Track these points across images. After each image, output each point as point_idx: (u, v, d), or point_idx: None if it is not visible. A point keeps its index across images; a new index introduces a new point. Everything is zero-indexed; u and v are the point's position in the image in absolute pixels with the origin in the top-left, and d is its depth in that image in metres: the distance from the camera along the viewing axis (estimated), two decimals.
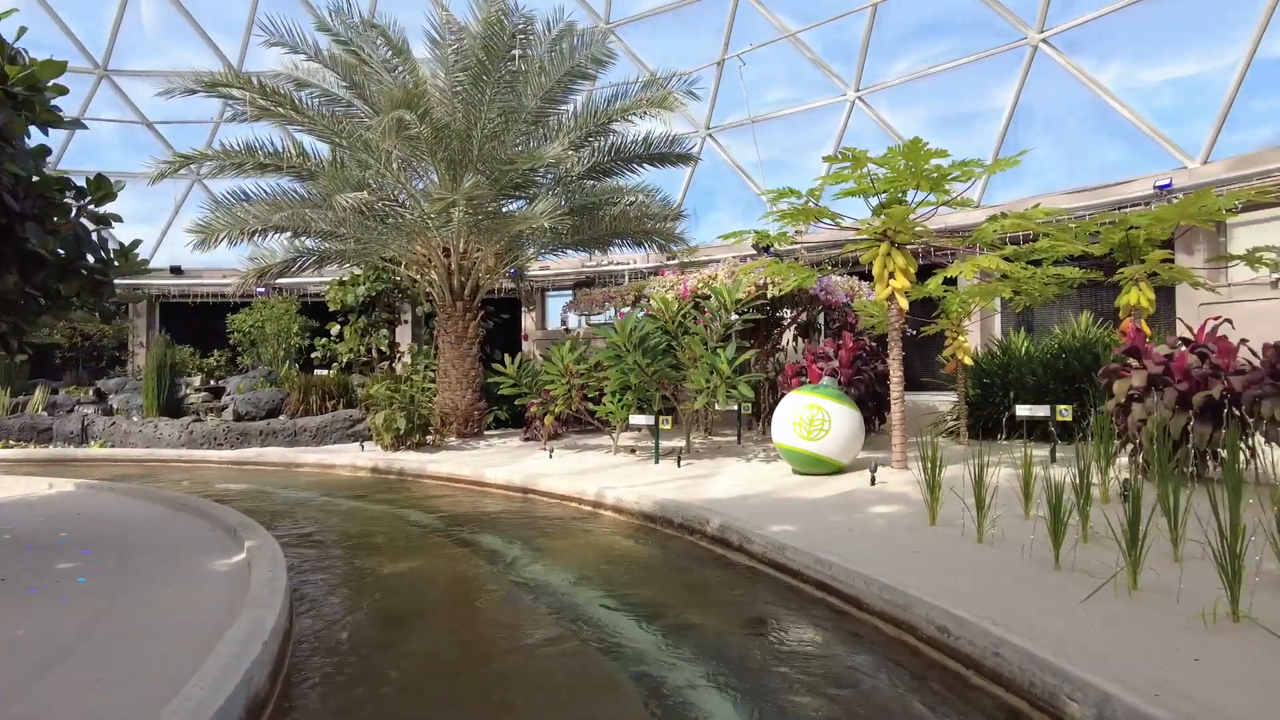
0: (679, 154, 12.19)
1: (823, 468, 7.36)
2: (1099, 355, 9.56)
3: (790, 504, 6.25)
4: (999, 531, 4.81)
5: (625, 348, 8.46)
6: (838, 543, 4.86)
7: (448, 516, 7.44)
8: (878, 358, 10.28)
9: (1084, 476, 4.58)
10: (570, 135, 11.24)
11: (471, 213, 10.89)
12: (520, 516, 7.26)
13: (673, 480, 7.63)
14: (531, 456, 10.00)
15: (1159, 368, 5.77)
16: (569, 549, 5.95)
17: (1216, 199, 7.07)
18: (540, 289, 18.34)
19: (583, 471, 8.48)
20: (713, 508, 6.12)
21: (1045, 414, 7.46)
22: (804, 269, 7.90)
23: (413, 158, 12.05)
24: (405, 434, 11.25)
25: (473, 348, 12.72)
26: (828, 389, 7.51)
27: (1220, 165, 10.98)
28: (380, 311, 17.71)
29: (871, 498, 6.30)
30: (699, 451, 9.82)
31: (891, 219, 6.18)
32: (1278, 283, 10.43)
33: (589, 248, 13.10)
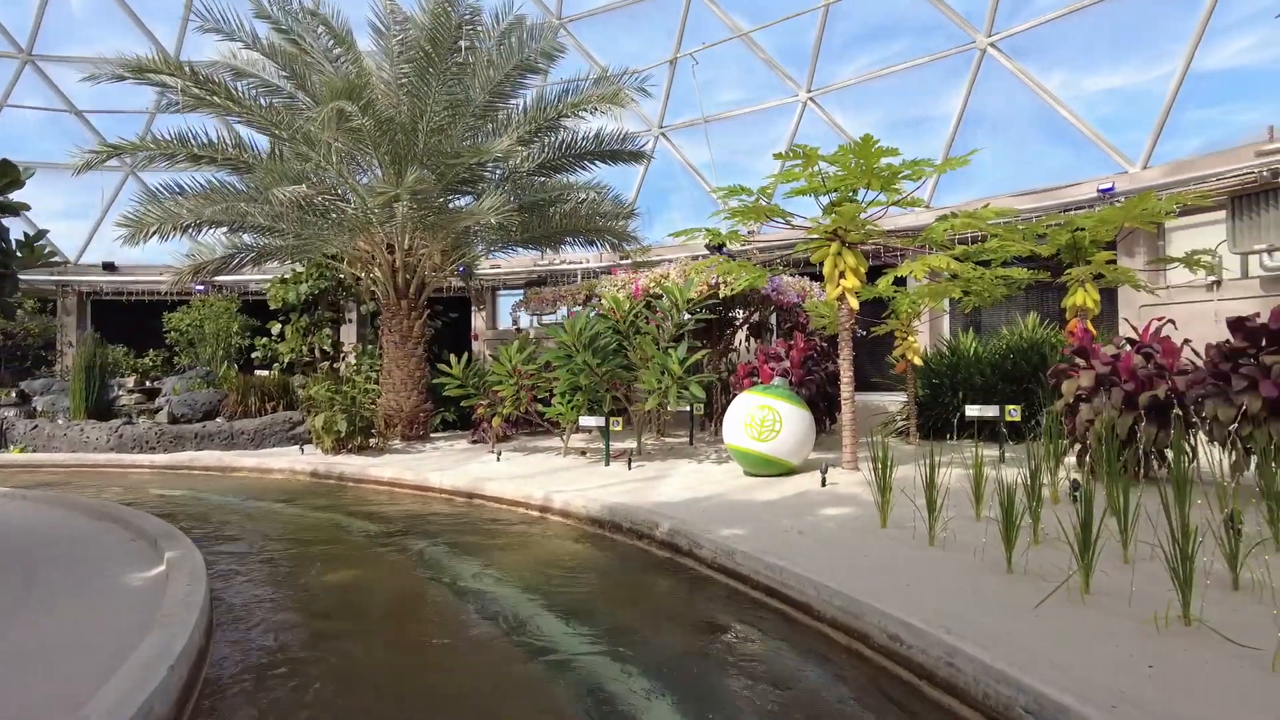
0: (631, 151, 12.03)
1: (774, 469, 7.27)
2: (1046, 356, 9.67)
3: (741, 506, 6.13)
4: (950, 534, 4.75)
5: (575, 347, 8.26)
6: (788, 547, 4.74)
7: (388, 523, 7.15)
8: (829, 358, 10.27)
9: (1035, 478, 4.53)
10: (519, 130, 10.99)
11: (416, 208, 10.56)
12: (464, 522, 7.02)
13: (623, 483, 7.46)
14: (478, 460, 9.73)
15: (1106, 368, 5.78)
16: (513, 556, 5.74)
17: (1157, 202, 7.16)
18: (491, 288, 18.01)
19: (531, 475, 8.26)
20: (662, 511, 5.97)
21: (994, 414, 7.48)
22: (755, 268, 7.80)
23: (356, 151, 11.67)
24: (347, 437, 10.87)
25: (418, 347, 12.37)
26: (779, 389, 7.42)
27: (1158, 170, 11.22)
28: (324, 310, 17.17)
29: (822, 499, 6.21)
30: (651, 453, 9.66)
31: (842, 217, 6.10)
32: (1212, 285, 10.68)
33: (539, 246, 12.85)
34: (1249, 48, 11.59)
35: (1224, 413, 4.80)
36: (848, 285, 6.92)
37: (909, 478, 6.41)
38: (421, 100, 10.89)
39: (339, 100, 8.88)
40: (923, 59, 13.63)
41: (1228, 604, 3.39)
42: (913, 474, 6.70)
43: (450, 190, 11.33)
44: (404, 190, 9.32)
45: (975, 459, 5.20)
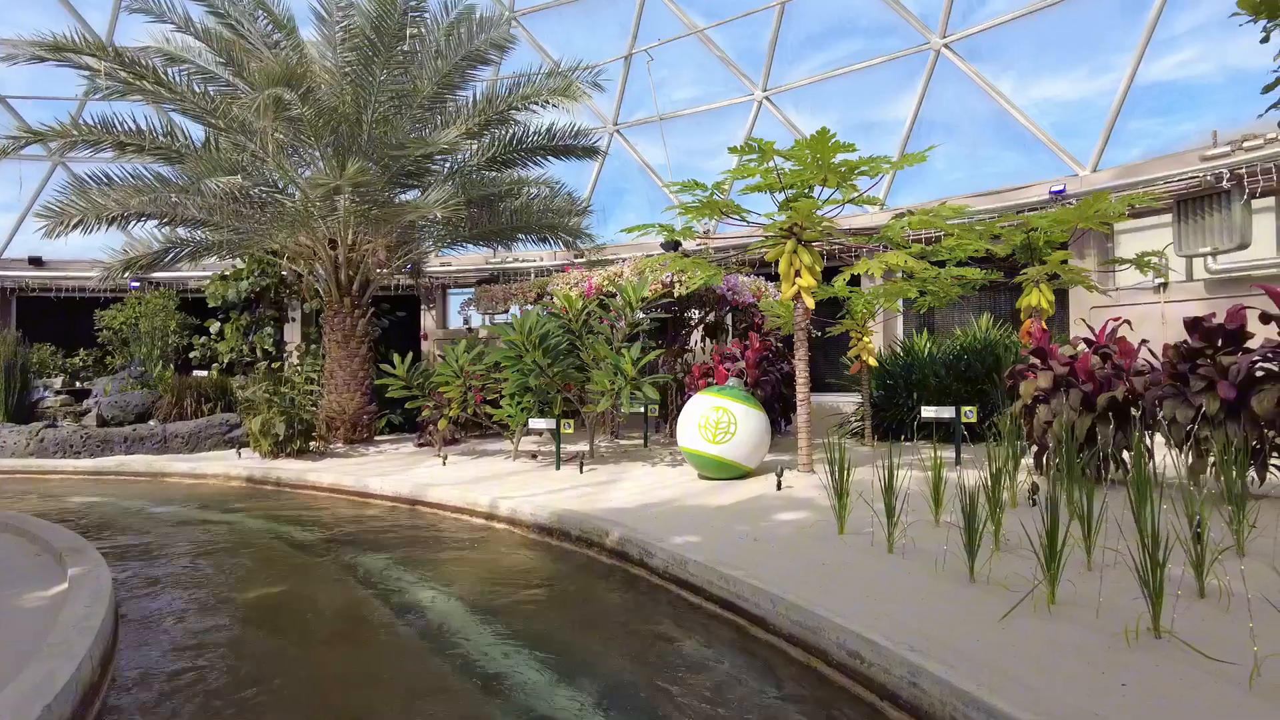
0: (584, 147, 11.74)
1: (729, 472, 7.07)
2: (1000, 356, 9.67)
3: (694, 512, 5.91)
4: (910, 541, 4.58)
5: (524, 347, 7.96)
6: (743, 555, 4.53)
7: (325, 532, 6.78)
8: (784, 359, 10.14)
9: (996, 483, 4.38)
10: (468, 122, 10.64)
11: (359, 201, 10.15)
12: (405, 531, 6.67)
13: (573, 488, 7.19)
14: (424, 464, 9.36)
15: (1064, 369, 5.70)
16: (455, 569, 5.43)
17: (1110, 203, 7.15)
18: (441, 286, 17.55)
19: (478, 480, 7.94)
20: (613, 518, 5.72)
21: (950, 415, 7.39)
22: (710, 266, 7.60)
23: (297, 142, 11.19)
24: (285, 440, 10.40)
25: (361, 347, 11.93)
26: (734, 390, 7.22)
27: (1108, 174, 11.33)
28: (265, 308, 16.55)
29: (778, 504, 6.02)
30: (604, 456, 9.40)
31: (798, 213, 5.93)
32: (1159, 287, 10.82)
33: (490, 242, 12.49)
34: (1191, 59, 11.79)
35: (1182, 414, 4.73)
36: (803, 284, 6.75)
37: (866, 481, 6.26)
38: (366, 90, 10.47)
39: (276, 87, 8.44)
40: (878, 59, 13.61)
41: (1195, 613, 3.26)
42: (870, 477, 6.56)
43: (396, 184, 10.93)
44: (345, 182, 8.91)
45: (934, 462, 5.05)
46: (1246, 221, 9.77)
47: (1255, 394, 4.46)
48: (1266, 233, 9.99)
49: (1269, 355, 4.55)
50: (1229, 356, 4.64)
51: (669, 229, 6.88)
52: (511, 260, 16.67)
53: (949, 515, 5.13)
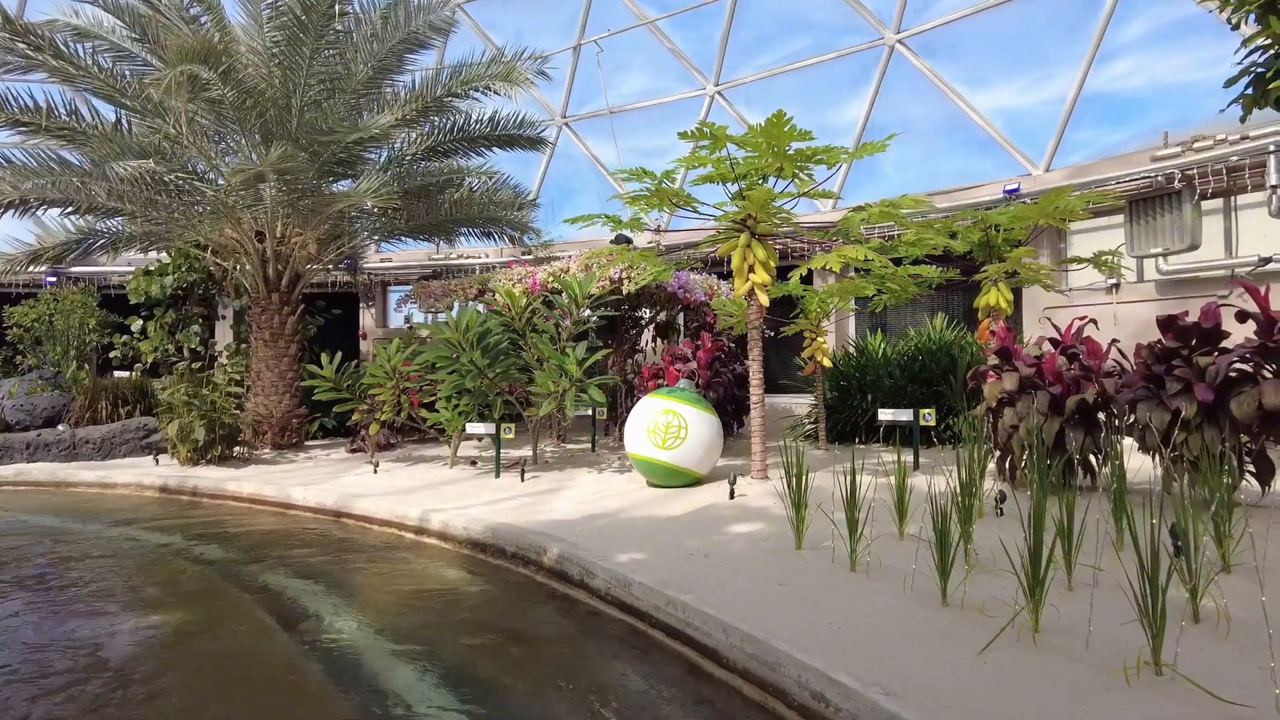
0: (530, 137, 11.21)
1: (679, 479, 6.65)
2: (956, 357, 9.45)
3: (642, 524, 5.46)
4: (874, 557, 4.21)
5: (461, 346, 7.42)
6: (692, 575, 4.10)
7: (238, 548, 6.16)
8: (736, 359, 9.77)
9: (967, 493, 4.03)
10: (405, 109, 10.03)
11: (285, 190, 9.46)
12: (326, 547, 6.09)
13: (513, 498, 6.69)
14: (354, 472, 8.74)
15: (1030, 369, 5.41)
16: (377, 592, 4.89)
17: (1071, 200, 6.92)
18: (381, 283, 16.81)
19: (410, 490, 7.37)
20: (552, 532, 5.24)
21: (908, 418, 7.09)
22: (659, 261, 7.18)
23: (221, 128, 10.44)
24: (206, 446, 9.66)
25: (291, 346, 11.21)
26: (684, 393, 6.80)
27: (1060, 173, 11.25)
28: (193, 305, 15.62)
29: (730, 514, 5.62)
30: (549, 461, 8.91)
31: (752, 202, 5.53)
32: (1111, 288, 10.75)
33: (431, 237, 11.87)
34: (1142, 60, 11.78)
35: (1158, 418, 4.46)
36: (757, 280, 6.37)
37: (823, 488, 5.91)
38: (295, 73, 9.79)
39: (191, 63, 7.75)
40: (832, 55, 13.37)
41: (1193, 642, 2.93)
42: (827, 484, 6.21)
43: (327, 173, 10.26)
44: (268, 167, 8.24)
45: (898, 471, 4.69)
46: (1197, 222, 9.72)
47: (1234, 396, 4.21)
48: (1214, 234, 9.97)
49: (1247, 355, 4.30)
50: (1205, 357, 4.39)
51: (615, 219, 6.43)
52: (455, 257, 16.04)
53: (914, 527, 4.79)
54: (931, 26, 12.26)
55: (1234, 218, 9.81)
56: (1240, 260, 9.56)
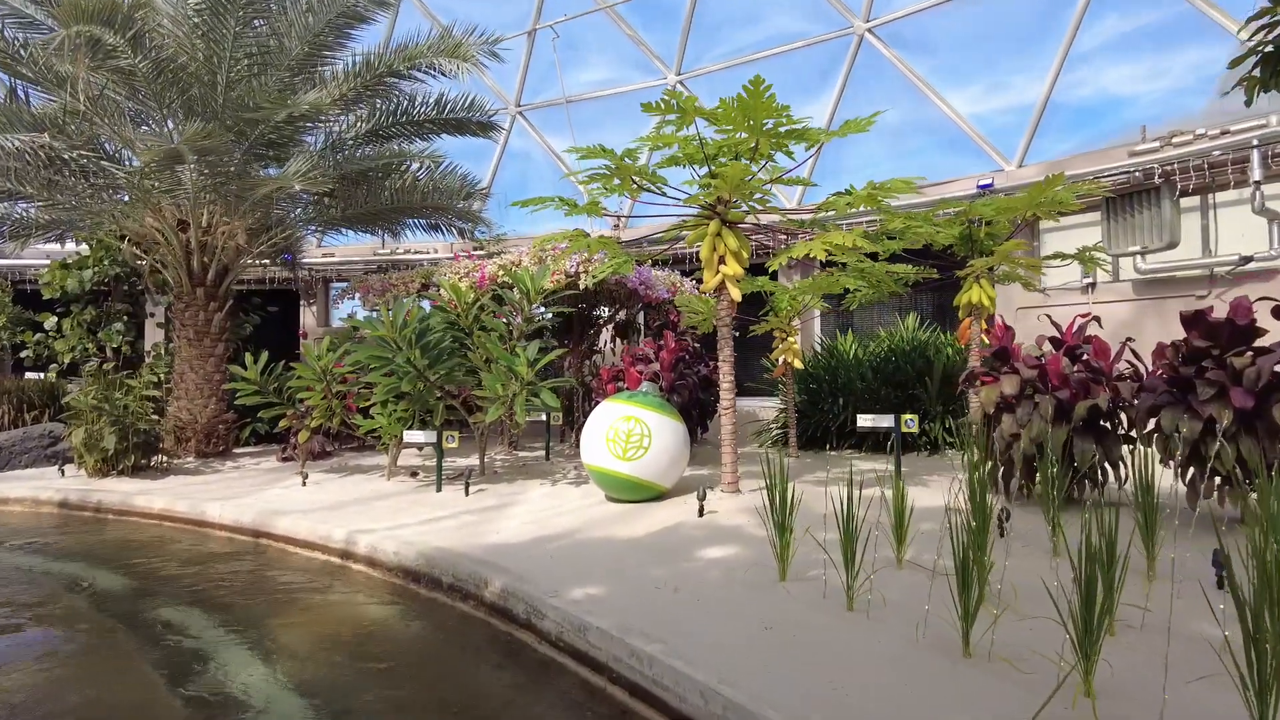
0: (480, 121, 10.44)
1: (641, 493, 5.98)
2: (931, 359, 8.97)
3: (600, 548, 4.78)
4: (874, 591, 3.58)
5: (396, 344, 6.64)
6: (660, 616, 3.44)
7: (138, 577, 5.33)
8: (701, 360, 9.14)
9: (982, 514, 3.43)
10: (343, 86, 9.20)
11: (208, 174, 8.57)
12: (238, 575, 5.29)
13: (454, 516, 5.95)
14: (281, 483, 7.90)
15: (1032, 372, 4.87)
16: (288, 631, 4.13)
17: (1063, 189, 6.43)
18: (323, 279, 15.83)
19: (339, 505, 6.58)
20: (496, 559, 4.53)
21: (889, 425, 6.52)
22: (620, 252, 6.51)
23: (138, 105, 9.48)
24: (117, 455, 8.70)
25: (218, 345, 10.28)
26: (647, 397, 6.14)
27: (1034, 169, 10.88)
28: (116, 301, 14.48)
29: (701, 535, 4.96)
30: (498, 472, 8.17)
31: (726, 181, 4.88)
32: (1087, 287, 10.39)
33: (373, 228, 11.01)
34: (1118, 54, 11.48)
35: (1187, 426, 3.93)
36: (728, 272, 5.74)
37: (801, 502, 5.29)
38: (219, 45, 8.89)
39: (88, 24, 6.84)
40: (799, 43, 12.86)
41: None
42: (806, 497, 5.61)
43: (256, 156, 9.37)
44: (184, 144, 7.35)
45: (896, 488, 4.07)
46: (1176, 220, 9.38)
47: (1277, 402, 3.70)
48: (1192, 232, 9.65)
49: None
50: (1240, 358, 3.87)
51: (570, 203, 5.74)
52: (402, 251, 15.16)
53: (916, 552, 4.19)
54: (901, 16, 11.81)
55: (1212, 215, 9.49)
56: (1220, 259, 9.25)
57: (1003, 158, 11.29)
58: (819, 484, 6.58)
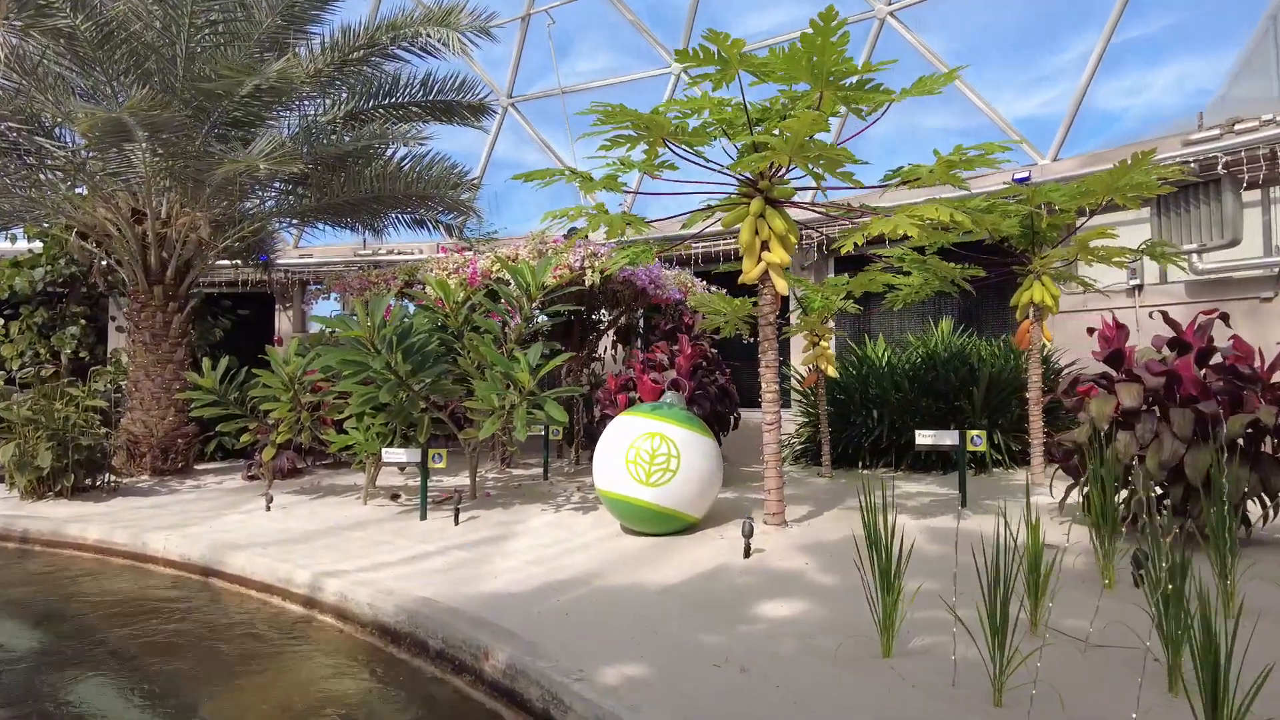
0: (471, 104, 9.45)
1: (667, 525, 5.00)
2: (975, 367, 8.07)
3: (628, 602, 3.79)
4: (1030, 676, 2.60)
5: (373, 347, 5.63)
6: (732, 712, 2.46)
7: (54, 629, 4.34)
8: (718, 367, 8.18)
9: (1181, 573, 2.47)
10: (319, 61, 8.22)
11: (163, 153, 7.54)
12: (176, 628, 4.26)
13: (442, 552, 4.94)
14: (243, 507, 6.87)
15: (1158, 379, 3.95)
16: (234, 712, 3.13)
17: (1150, 170, 5.54)
18: (300, 281, 14.73)
19: (306, 537, 5.56)
20: (498, 618, 3.54)
21: (952, 443, 5.59)
22: (641, 241, 5.56)
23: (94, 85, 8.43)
24: (55, 474, 7.64)
25: (177, 350, 9.23)
26: (673, 410, 5.17)
27: (1073, 162, 10.07)
28: (72, 303, 13.34)
29: (754, 584, 3.99)
30: (492, 493, 7.17)
31: (792, 136, 3.92)
32: (1134, 290, 9.53)
33: (351, 221, 9.98)
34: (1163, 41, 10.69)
35: None
36: (773, 259, 4.80)
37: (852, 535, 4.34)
38: (177, 11, 7.88)
39: None
40: None
41: None
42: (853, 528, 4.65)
43: (220, 137, 8.34)
44: (129, 112, 6.33)
45: (1033, 528, 3.10)
46: (1238, 214, 8.54)
47: None
48: (1252, 228, 8.81)
49: None
50: None
51: (584, 176, 4.78)
52: (385, 252, 14.15)
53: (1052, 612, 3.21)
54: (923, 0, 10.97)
55: (1276, 210, 8.66)
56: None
57: (1035, 151, 10.45)
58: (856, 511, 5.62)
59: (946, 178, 4.31)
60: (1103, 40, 9.88)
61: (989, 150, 4.18)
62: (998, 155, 4.27)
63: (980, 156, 4.19)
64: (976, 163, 4.34)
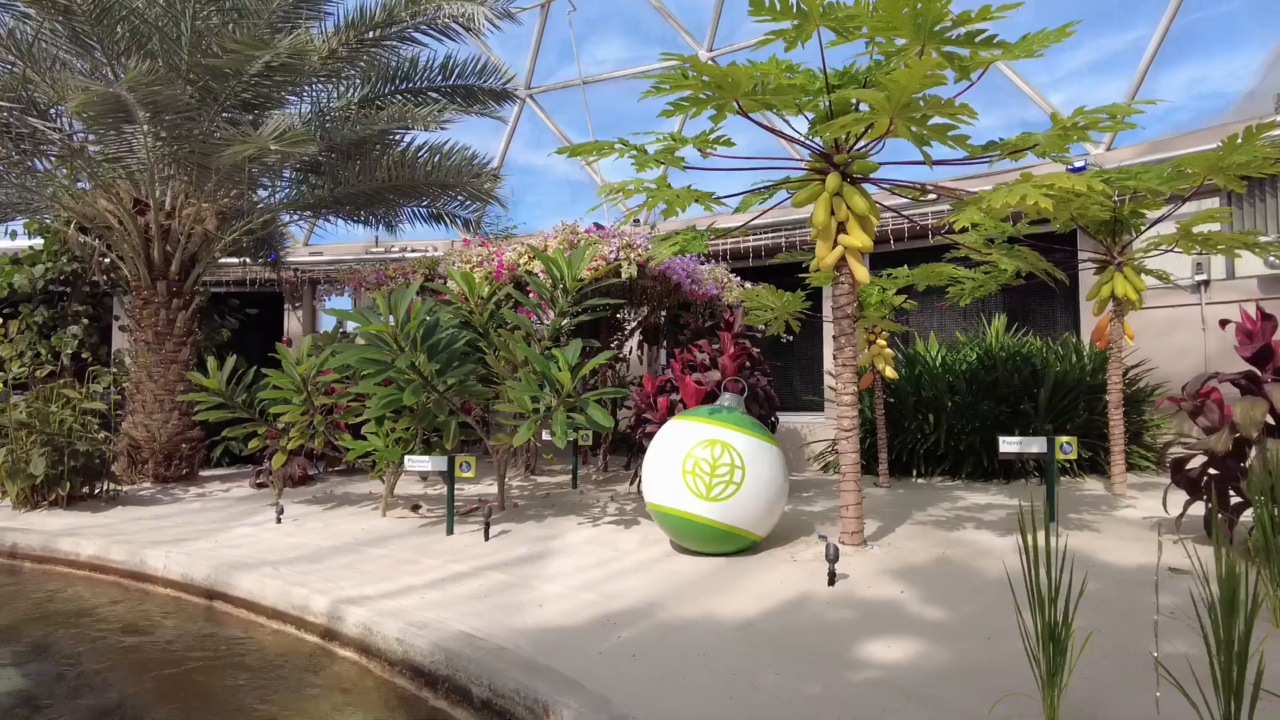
0: (493, 89, 8.90)
1: (730, 545, 4.43)
2: (1039, 368, 7.48)
3: (703, 641, 3.21)
4: None
5: (397, 344, 5.08)
6: None
7: (22, 666, 3.76)
8: (759, 368, 7.61)
9: None
10: (332, 41, 7.69)
11: (166, 137, 7.01)
12: (175, 666, 3.70)
13: (476, 573, 4.38)
14: (251, 519, 6.33)
15: None
16: None
17: (1262, 148, 4.97)
18: (310, 280, 14.22)
19: (320, 555, 5.00)
20: (554, 662, 2.97)
21: (1038, 450, 5.01)
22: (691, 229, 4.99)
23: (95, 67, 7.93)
24: (49, 483, 7.12)
25: (182, 349, 8.71)
26: (734, 414, 4.60)
27: (1131, 150, 9.46)
28: (74, 302, 12.83)
29: (847, 619, 3.41)
30: (519, 503, 6.61)
31: (895, 90, 3.34)
32: (1199, 286, 8.92)
33: (366, 213, 9.43)
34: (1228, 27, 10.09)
35: None
36: (851, 243, 4.24)
37: (944, 556, 3.77)
38: None
39: None
40: None
41: None
42: (939, 546, 4.09)
43: (229, 121, 7.81)
44: (128, 86, 5.79)
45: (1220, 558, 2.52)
46: None
47: None
48: None
49: None
50: None
51: (639, 149, 4.21)
52: (397, 250, 13.62)
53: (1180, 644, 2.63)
54: None
55: None
56: None
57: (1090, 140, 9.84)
58: (938, 524, 5.04)
59: (1063, 144, 3.73)
60: (1162, 25, 9.30)
61: (1118, 113, 3.59)
62: (1111, 121, 3.67)
63: (1099, 120, 3.61)
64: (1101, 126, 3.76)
